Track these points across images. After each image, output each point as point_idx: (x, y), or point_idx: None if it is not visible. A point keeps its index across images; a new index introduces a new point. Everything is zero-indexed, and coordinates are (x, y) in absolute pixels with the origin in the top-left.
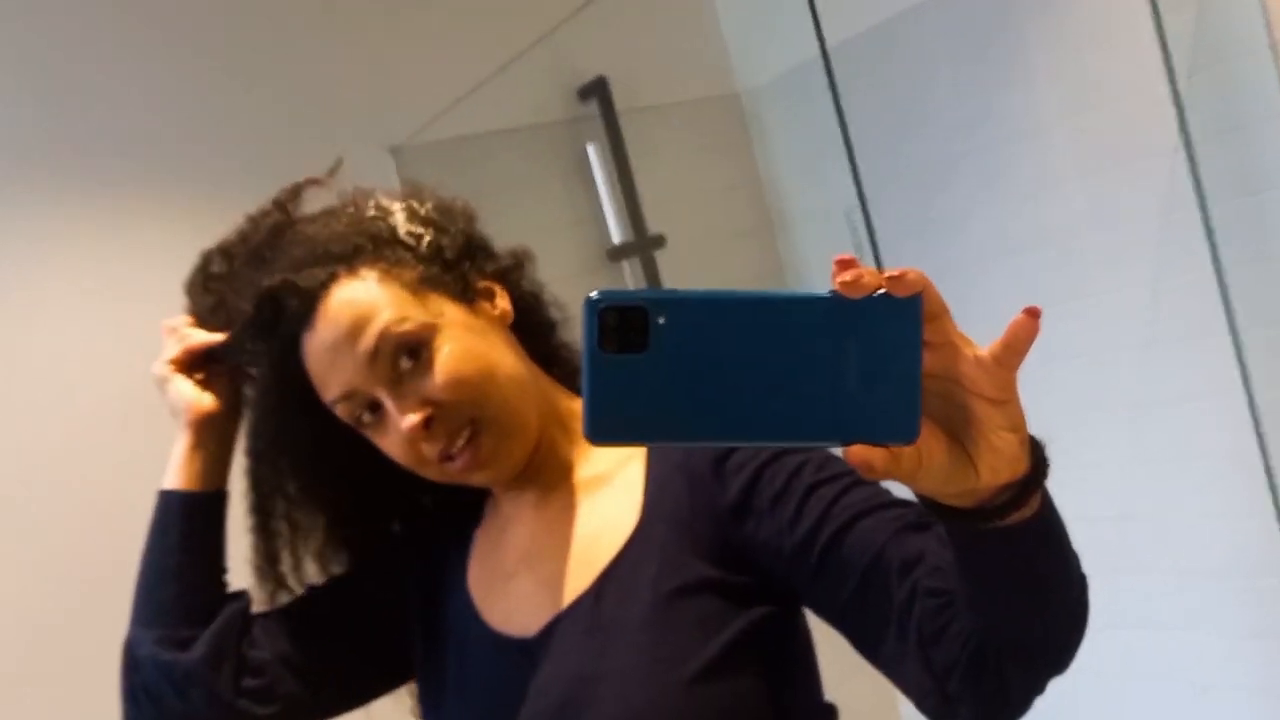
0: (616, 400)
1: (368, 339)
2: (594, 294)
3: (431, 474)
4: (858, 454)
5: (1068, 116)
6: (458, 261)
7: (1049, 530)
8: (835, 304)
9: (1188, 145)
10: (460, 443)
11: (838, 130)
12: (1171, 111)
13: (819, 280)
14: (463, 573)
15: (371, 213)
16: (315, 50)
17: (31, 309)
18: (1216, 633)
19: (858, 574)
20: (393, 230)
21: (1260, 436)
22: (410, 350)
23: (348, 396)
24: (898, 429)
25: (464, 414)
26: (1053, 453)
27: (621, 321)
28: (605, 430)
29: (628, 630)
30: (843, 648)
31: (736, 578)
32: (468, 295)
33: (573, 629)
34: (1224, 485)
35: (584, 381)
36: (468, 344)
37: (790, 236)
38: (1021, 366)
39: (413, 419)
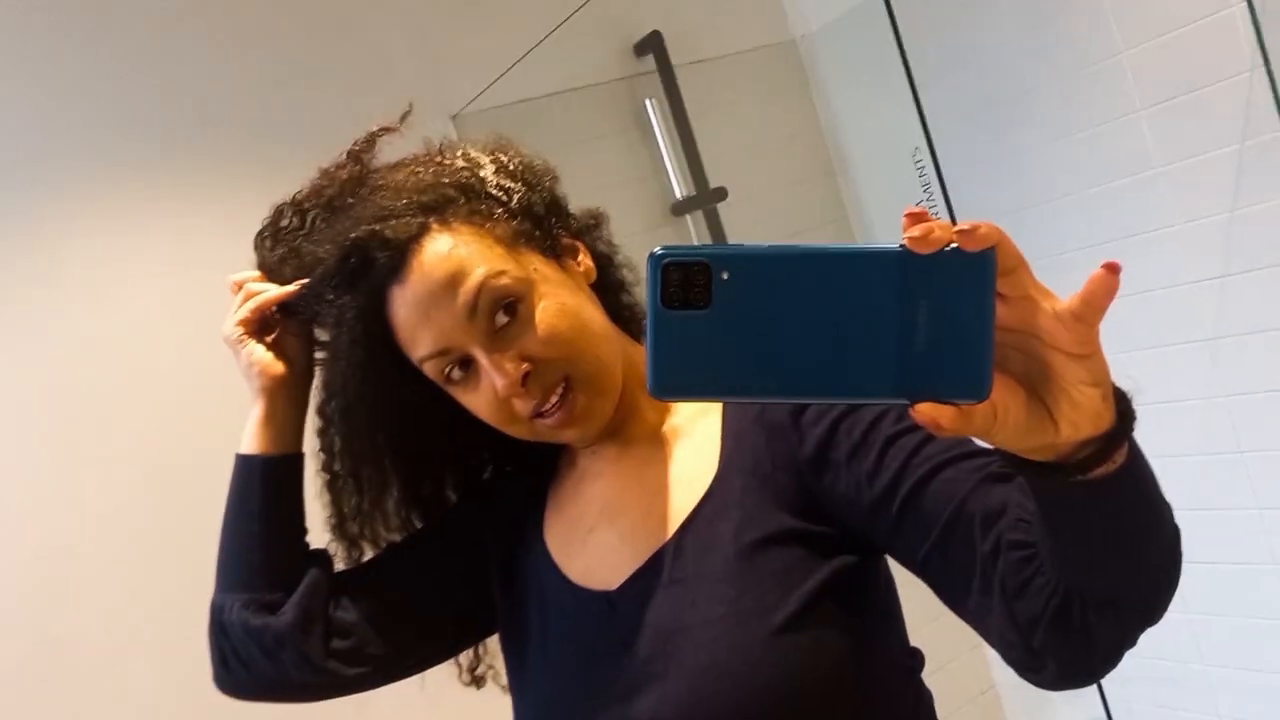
0: (680, 356)
1: (466, 293)
2: (657, 250)
3: (520, 432)
4: (925, 412)
5: (1136, 43)
6: (545, 218)
7: (1136, 483)
8: (904, 259)
9: (1267, 64)
10: (554, 399)
11: (899, 70)
12: (1246, 33)
13: (884, 226)
14: (539, 529)
15: (460, 163)
16: (373, 20)
17: (105, 285)
18: None
19: (939, 526)
20: (483, 182)
21: None
22: (507, 305)
23: (441, 353)
24: (968, 388)
25: (559, 370)
26: (1139, 402)
27: (685, 277)
28: (669, 386)
29: (710, 582)
30: (928, 592)
31: (817, 528)
32: (556, 251)
33: (654, 582)
34: None
35: (648, 336)
36: (563, 300)
37: (853, 181)
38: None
39: (510, 374)
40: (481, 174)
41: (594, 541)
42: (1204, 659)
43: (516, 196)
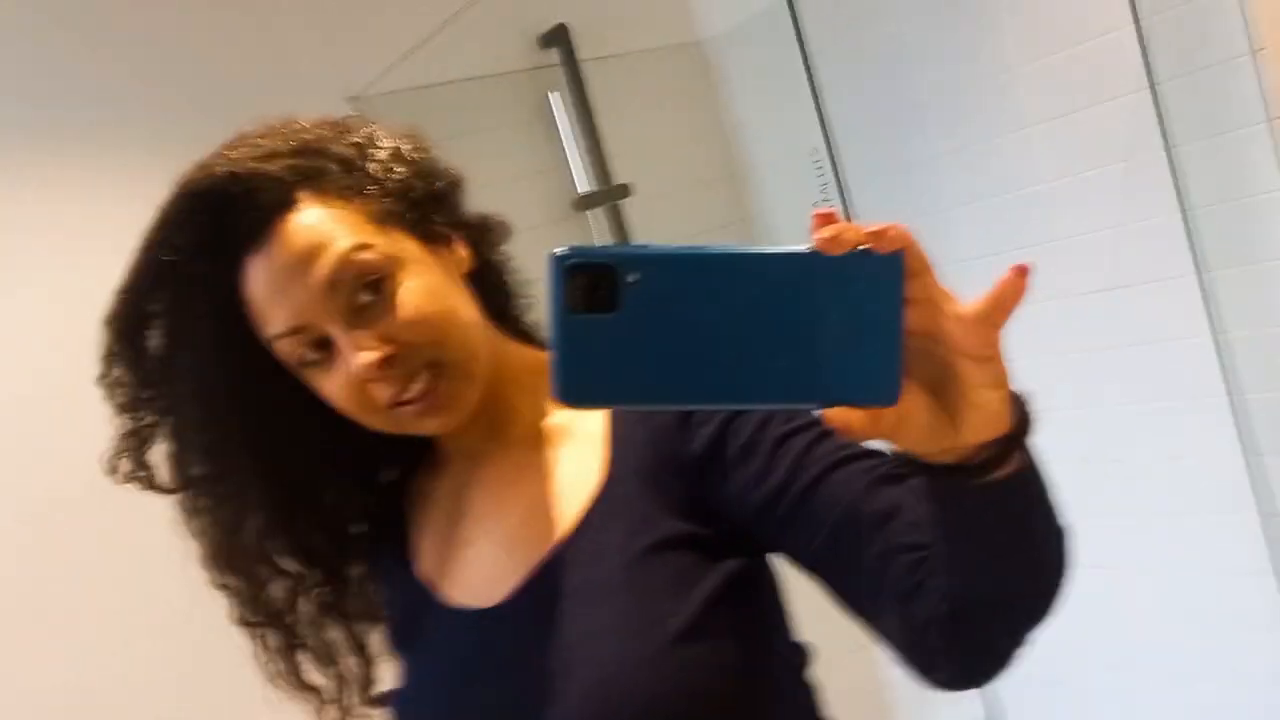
0: (586, 362)
1: (326, 265)
2: (560, 250)
3: (377, 422)
4: (837, 417)
5: (1035, 58)
6: (423, 204)
7: (1030, 485)
8: (814, 261)
9: (1153, 86)
10: (417, 386)
11: (803, 75)
12: (1137, 51)
13: (786, 228)
14: (403, 557)
15: (356, 138)
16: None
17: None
18: (1181, 571)
19: (830, 527)
20: (368, 159)
21: (1226, 377)
22: (370, 282)
23: (296, 330)
24: (878, 391)
25: (424, 355)
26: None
27: (590, 280)
28: (575, 393)
29: (600, 593)
30: (814, 589)
31: (706, 530)
32: (429, 236)
33: (540, 595)
34: (1190, 425)
35: (552, 342)
36: (431, 282)
37: (758, 183)
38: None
39: (370, 356)
40: (370, 152)
41: (472, 554)
42: (1085, 662)
43: (396, 179)
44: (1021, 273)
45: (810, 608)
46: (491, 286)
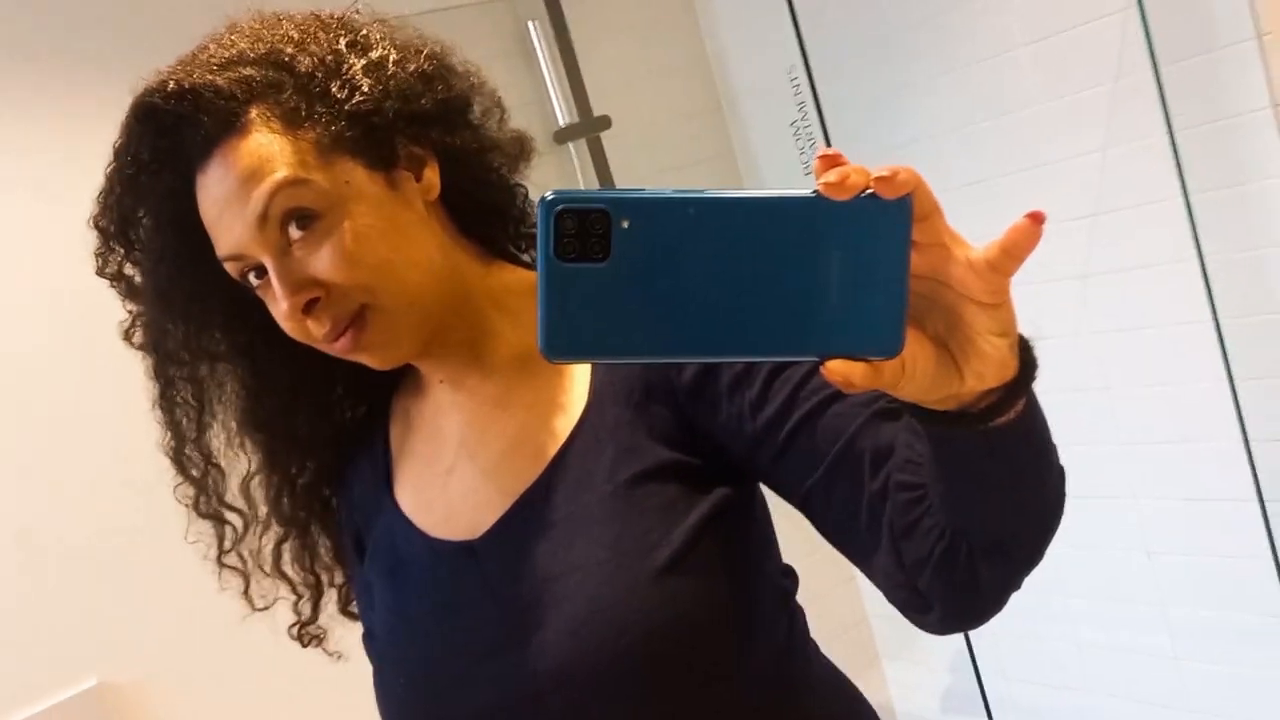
0: (575, 313)
1: (258, 198)
2: (549, 194)
3: (321, 348)
4: (837, 369)
5: None
6: (382, 128)
7: (1030, 430)
8: (817, 206)
9: (1140, 4)
10: (343, 326)
11: (784, 2)
12: None
13: (768, 157)
14: (388, 484)
15: (337, 44)
16: None
17: None
18: (1164, 499)
19: (827, 462)
20: (333, 74)
21: (1212, 300)
22: (301, 219)
23: (234, 258)
24: (881, 342)
25: (353, 299)
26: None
27: (581, 226)
28: (562, 347)
29: (586, 523)
30: (801, 523)
31: (694, 460)
32: (388, 165)
33: (524, 525)
34: (1175, 351)
35: (539, 291)
36: (369, 222)
37: (739, 113)
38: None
39: (289, 302)
40: (347, 63)
41: (454, 482)
42: (1065, 592)
43: (361, 99)
44: (1036, 219)
45: (797, 547)
46: (477, 209)
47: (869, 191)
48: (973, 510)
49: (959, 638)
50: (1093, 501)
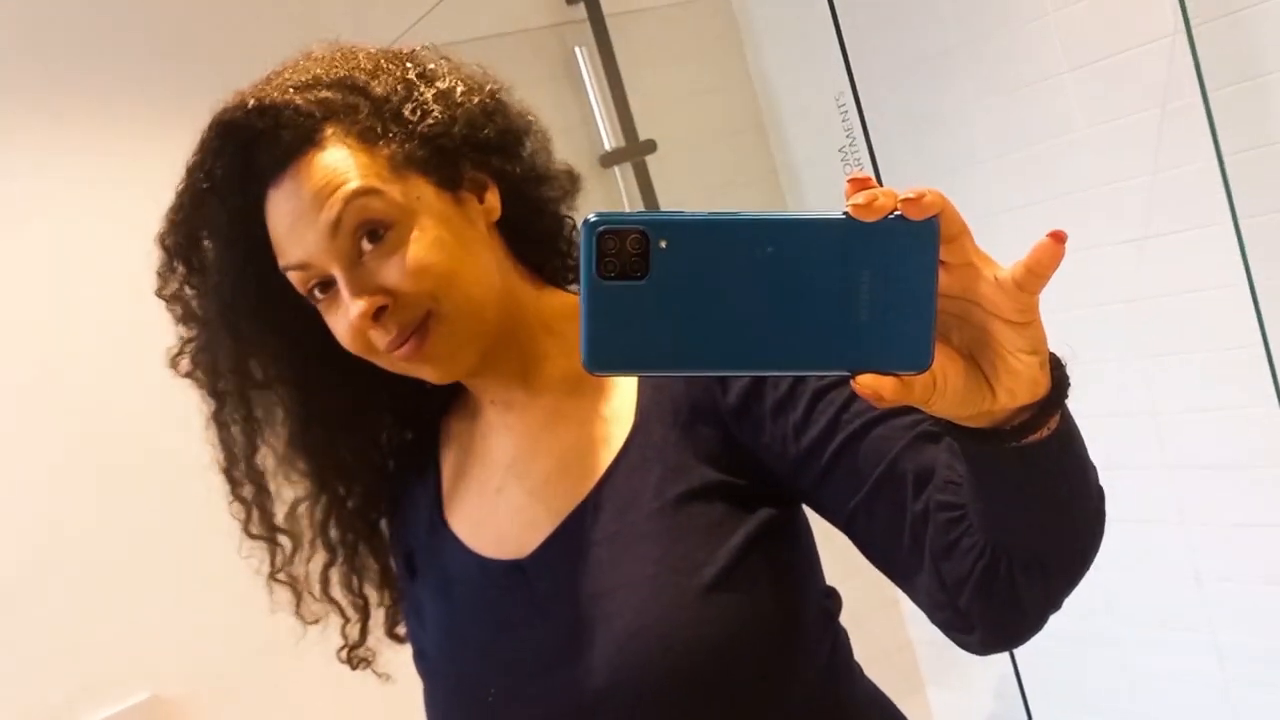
0: (616, 328)
1: (332, 208)
2: (592, 216)
3: (379, 361)
4: (867, 384)
5: (1063, 5)
6: (452, 151)
7: (1066, 448)
8: (847, 227)
9: (1188, 29)
10: (408, 335)
11: (829, 22)
12: None
13: (814, 179)
14: (439, 505)
15: (407, 74)
16: None
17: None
18: (1213, 524)
19: (870, 483)
20: (405, 100)
21: (1262, 326)
22: (373, 231)
23: (301, 267)
24: (910, 358)
25: (420, 307)
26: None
27: (621, 246)
28: (604, 361)
29: (633, 541)
30: (845, 546)
31: (739, 480)
32: (454, 185)
33: (572, 544)
34: (1224, 376)
35: (582, 309)
36: (438, 235)
37: (784, 135)
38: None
39: (361, 305)
40: (418, 92)
41: (503, 503)
42: (1113, 617)
43: (432, 123)
44: (1058, 239)
45: (840, 569)
46: (530, 236)
47: (897, 213)
48: (1011, 527)
49: (1005, 663)
50: (1140, 526)
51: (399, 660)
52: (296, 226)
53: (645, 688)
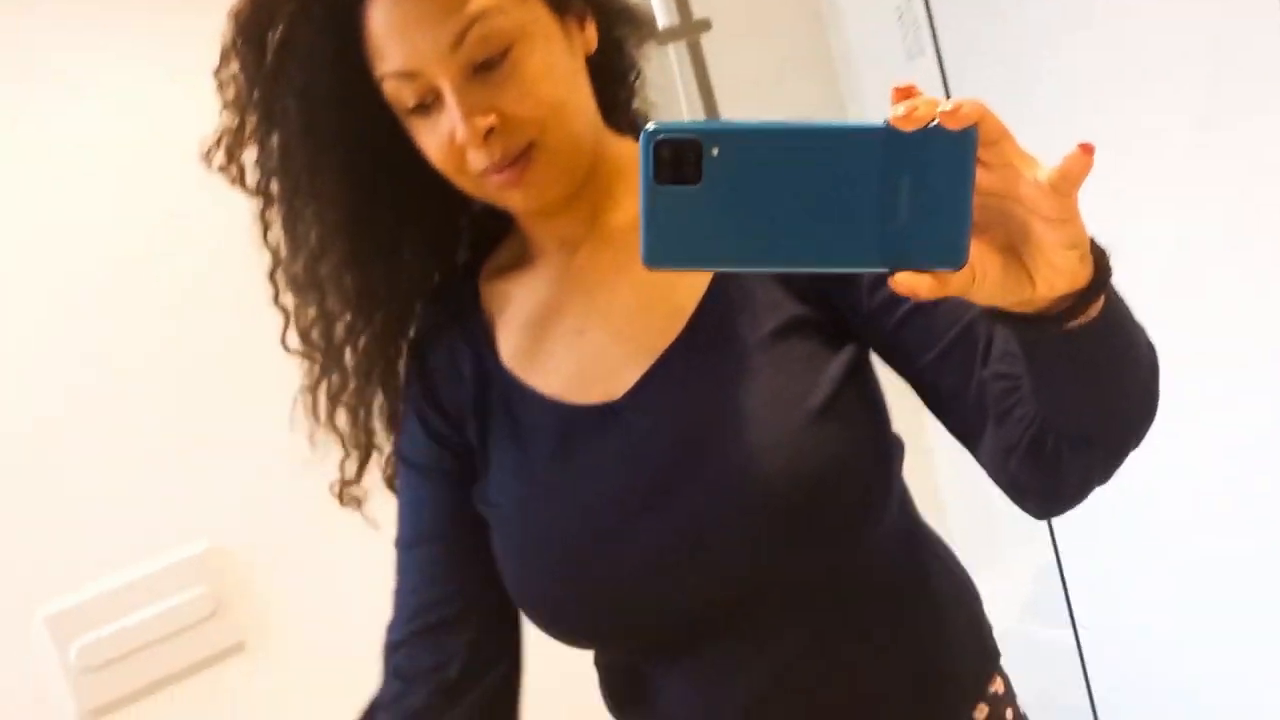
0: (671, 228)
1: (460, 20)
2: (650, 126)
3: (466, 184)
4: (904, 281)
5: None
6: None
7: (1111, 332)
8: (888, 136)
9: None
10: (511, 160)
11: None
12: None
13: (870, 72)
14: (488, 359)
15: None
16: None
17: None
18: (1262, 412)
19: (946, 341)
20: None
21: None
22: (494, 47)
23: (408, 75)
24: (945, 256)
25: (526, 133)
26: (1115, 259)
27: (676, 153)
28: (660, 257)
29: (737, 375)
30: None
31: (825, 317)
32: (563, 10)
33: (670, 382)
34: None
35: (641, 210)
36: (555, 61)
37: (840, 24)
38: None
39: (475, 123)
40: None
41: (585, 345)
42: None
43: None
44: (1087, 150)
45: None
46: (609, 74)
47: (936, 122)
48: (1058, 404)
49: (1047, 551)
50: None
51: (390, 508)
52: (410, 30)
53: (764, 514)
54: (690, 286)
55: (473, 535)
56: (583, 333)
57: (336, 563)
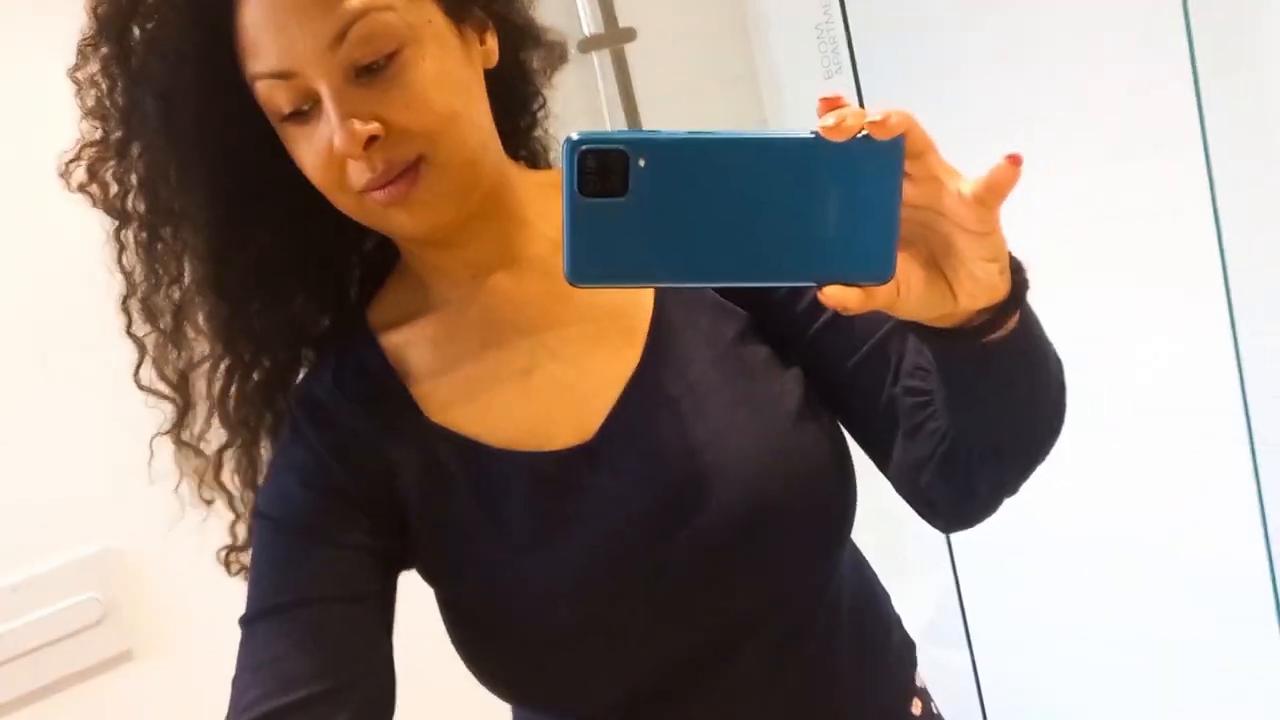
0: (596, 243)
1: (340, 16)
2: (574, 135)
3: (345, 204)
4: (832, 294)
5: None
6: None
7: (1025, 345)
8: (816, 146)
9: None
10: (395, 174)
11: None
12: None
13: (792, 84)
14: (409, 417)
15: None
16: None
17: None
18: (1171, 462)
19: (859, 354)
20: None
21: (1222, 253)
22: (376, 51)
23: (282, 75)
24: (873, 269)
25: (414, 147)
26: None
27: (601, 164)
28: (585, 273)
29: (710, 389)
30: None
31: (764, 319)
32: (460, 17)
33: (642, 410)
34: (1181, 307)
35: (565, 224)
36: (448, 69)
37: (764, 38)
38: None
39: (354, 131)
40: None
41: (537, 384)
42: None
43: None
44: (1015, 162)
45: None
46: (511, 97)
47: (864, 133)
48: (971, 417)
49: (946, 574)
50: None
51: None
52: (287, 27)
53: (776, 525)
54: (636, 305)
55: (361, 605)
56: (530, 372)
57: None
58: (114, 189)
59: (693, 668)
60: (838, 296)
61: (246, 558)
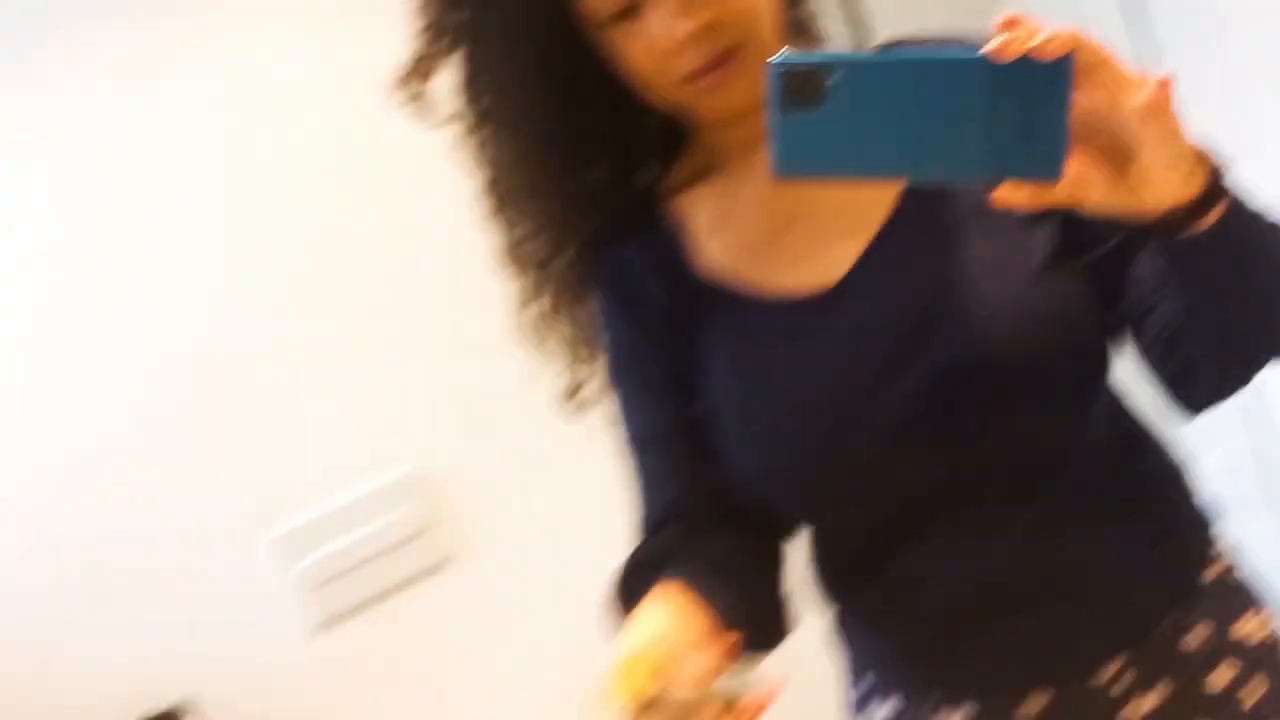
0: (798, 145)
1: None
2: (776, 58)
3: (668, 90)
4: (1004, 191)
5: None
6: None
7: (1229, 239)
8: (984, 66)
9: None
10: (718, 59)
11: None
12: None
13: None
14: (684, 271)
15: None
16: None
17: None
18: None
19: (1113, 242)
20: None
21: None
22: None
23: None
24: (1042, 170)
25: (734, 37)
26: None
27: (801, 82)
28: (787, 169)
29: (957, 240)
30: None
31: None
32: None
33: (888, 257)
34: None
35: (770, 131)
36: None
37: None
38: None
39: (688, 25)
40: None
41: (795, 237)
42: None
43: None
44: (1164, 84)
45: None
46: None
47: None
48: (1187, 305)
49: None
50: None
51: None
52: None
53: (1002, 374)
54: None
55: (691, 432)
56: (791, 226)
57: (541, 489)
58: (454, 98)
59: (932, 505)
60: (1008, 194)
61: (588, 392)
